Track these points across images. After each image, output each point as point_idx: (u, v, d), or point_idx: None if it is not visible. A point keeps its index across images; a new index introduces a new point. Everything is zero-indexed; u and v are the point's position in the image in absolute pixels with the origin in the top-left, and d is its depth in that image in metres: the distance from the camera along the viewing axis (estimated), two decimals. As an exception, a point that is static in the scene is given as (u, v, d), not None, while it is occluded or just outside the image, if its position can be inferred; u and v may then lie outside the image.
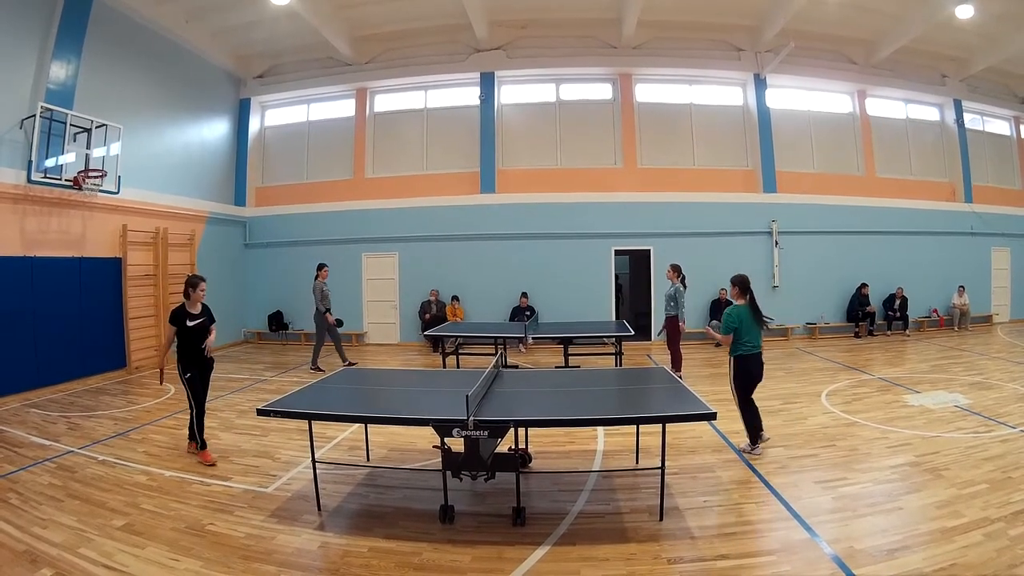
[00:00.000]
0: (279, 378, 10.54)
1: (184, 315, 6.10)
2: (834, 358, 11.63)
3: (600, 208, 14.41)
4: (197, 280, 6.27)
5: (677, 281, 9.85)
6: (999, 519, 4.20)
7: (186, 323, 6.08)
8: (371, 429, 6.17)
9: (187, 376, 6.07)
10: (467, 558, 3.96)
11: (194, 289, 6.19)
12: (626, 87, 14.89)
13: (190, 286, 6.20)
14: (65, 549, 4.04)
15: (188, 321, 6.10)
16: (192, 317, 6.14)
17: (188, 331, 6.08)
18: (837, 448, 6.05)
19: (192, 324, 6.11)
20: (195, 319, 6.16)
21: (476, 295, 14.46)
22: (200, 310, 6.24)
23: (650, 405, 5.20)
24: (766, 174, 14.76)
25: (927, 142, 16.30)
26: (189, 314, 6.13)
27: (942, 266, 15.46)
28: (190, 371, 6.08)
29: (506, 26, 14.44)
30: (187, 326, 6.08)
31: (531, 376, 7.16)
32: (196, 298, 6.19)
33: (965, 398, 7.91)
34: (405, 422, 5.25)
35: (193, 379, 6.09)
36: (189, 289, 6.19)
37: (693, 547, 4.05)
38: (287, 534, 4.36)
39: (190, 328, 6.08)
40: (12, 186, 9.13)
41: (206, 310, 6.31)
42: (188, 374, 6.07)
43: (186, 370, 6.08)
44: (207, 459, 5.97)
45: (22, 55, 9.43)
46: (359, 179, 15.30)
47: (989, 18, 13.12)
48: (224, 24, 13.50)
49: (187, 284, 6.22)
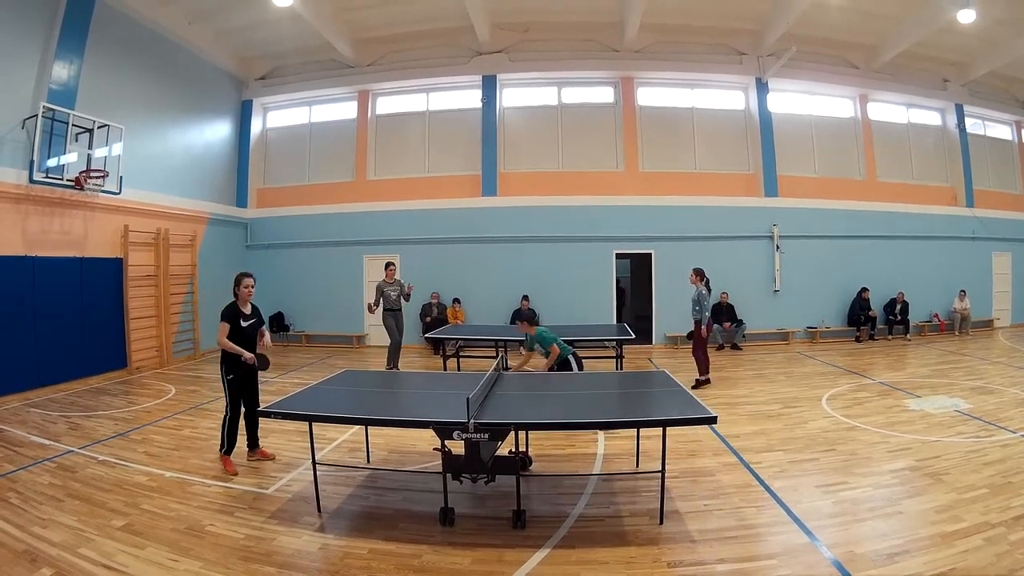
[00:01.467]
0: (280, 379, 10.54)
1: (239, 314, 5.81)
2: (835, 362, 11.62)
3: (601, 211, 14.42)
4: (241, 276, 5.91)
5: (701, 285, 9.43)
6: (999, 524, 4.20)
7: (240, 323, 5.81)
8: (371, 431, 6.16)
9: (229, 377, 5.78)
10: (467, 560, 3.96)
11: (238, 286, 5.85)
12: (628, 90, 14.91)
13: (235, 284, 5.87)
14: (65, 549, 4.04)
15: (242, 321, 5.83)
16: (245, 317, 5.88)
17: (241, 331, 5.81)
18: (837, 452, 6.05)
19: (245, 325, 5.86)
20: (248, 319, 5.92)
21: (477, 298, 14.46)
22: (251, 310, 5.99)
23: (650, 409, 5.20)
24: (767, 178, 14.77)
25: (928, 146, 16.31)
26: (242, 313, 5.86)
27: (943, 270, 15.46)
28: (234, 373, 5.78)
29: (508, 29, 14.47)
30: (241, 326, 5.81)
31: (532, 379, 7.13)
32: (243, 296, 5.87)
33: (966, 403, 7.90)
34: (406, 424, 5.27)
35: (235, 382, 5.80)
36: (235, 287, 5.86)
37: (693, 551, 4.05)
38: (287, 535, 4.36)
39: (243, 328, 5.83)
40: (14, 186, 9.15)
41: (256, 311, 6.07)
42: (231, 375, 5.77)
43: (230, 371, 5.77)
44: (228, 467, 5.72)
45: (24, 55, 9.45)
46: (361, 181, 15.31)
47: (991, 23, 13.12)
48: (226, 26, 13.54)
49: (234, 282, 5.88)
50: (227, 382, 5.80)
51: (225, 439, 5.82)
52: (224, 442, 5.82)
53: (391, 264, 11.05)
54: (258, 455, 6.06)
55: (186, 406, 8.51)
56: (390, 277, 10.75)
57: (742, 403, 8.35)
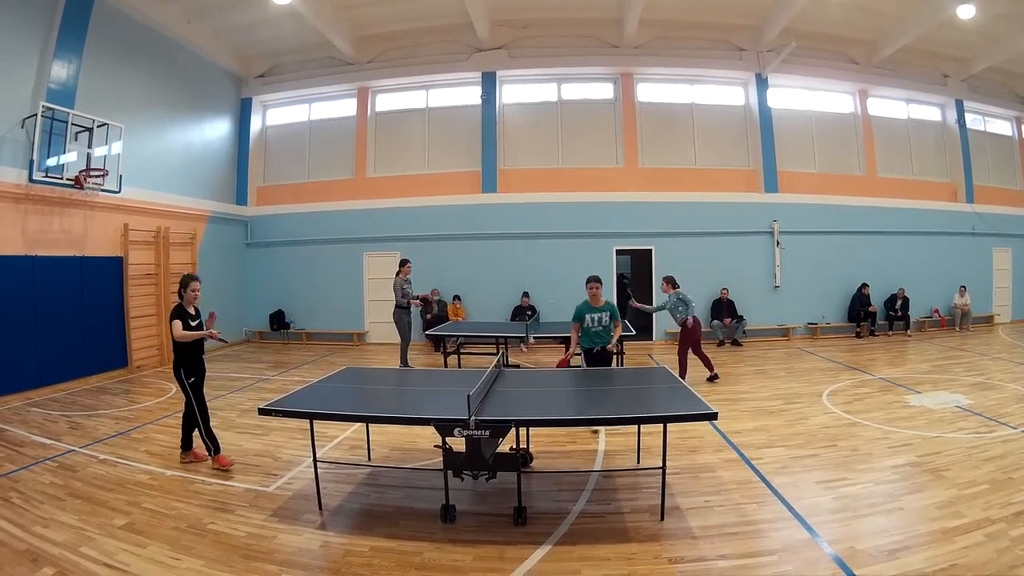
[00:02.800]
0: (280, 377, 10.55)
1: (184, 314, 5.83)
2: (835, 358, 11.62)
3: (601, 208, 14.41)
4: (188, 279, 5.95)
5: (673, 292, 9.43)
6: (1000, 520, 4.20)
7: (188, 321, 5.83)
8: (372, 428, 6.17)
9: (191, 380, 5.78)
10: (468, 557, 3.96)
11: (185, 289, 5.89)
12: (627, 87, 14.88)
13: (182, 286, 5.91)
14: (66, 548, 4.05)
15: (190, 321, 5.87)
16: (192, 317, 5.91)
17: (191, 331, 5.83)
18: (838, 448, 6.05)
19: (194, 324, 5.90)
20: (195, 319, 5.94)
21: (478, 295, 14.46)
22: (195, 312, 6.00)
23: (651, 405, 5.19)
24: (767, 174, 14.75)
25: (928, 142, 16.28)
26: (189, 314, 5.88)
27: (943, 266, 15.45)
28: (193, 375, 5.81)
29: (507, 26, 14.44)
30: (189, 325, 5.83)
31: (532, 376, 7.16)
32: (189, 299, 5.90)
33: (966, 399, 7.90)
34: (407, 421, 5.26)
35: (197, 384, 5.83)
36: (181, 290, 5.92)
37: (694, 547, 4.05)
38: (288, 533, 4.36)
39: (191, 328, 5.85)
40: (14, 185, 9.14)
41: (199, 314, 6.08)
42: (192, 378, 5.79)
43: (189, 374, 5.79)
44: (224, 463, 5.70)
45: (23, 54, 9.43)
46: (360, 178, 15.30)
47: (991, 18, 13.09)
48: (226, 24, 13.51)
49: (180, 284, 5.94)
50: (189, 385, 5.78)
51: (208, 442, 5.80)
52: (209, 445, 5.79)
53: (408, 261, 11.16)
54: (191, 456, 5.98)
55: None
56: (407, 274, 10.87)
57: (743, 399, 8.35)
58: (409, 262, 11.25)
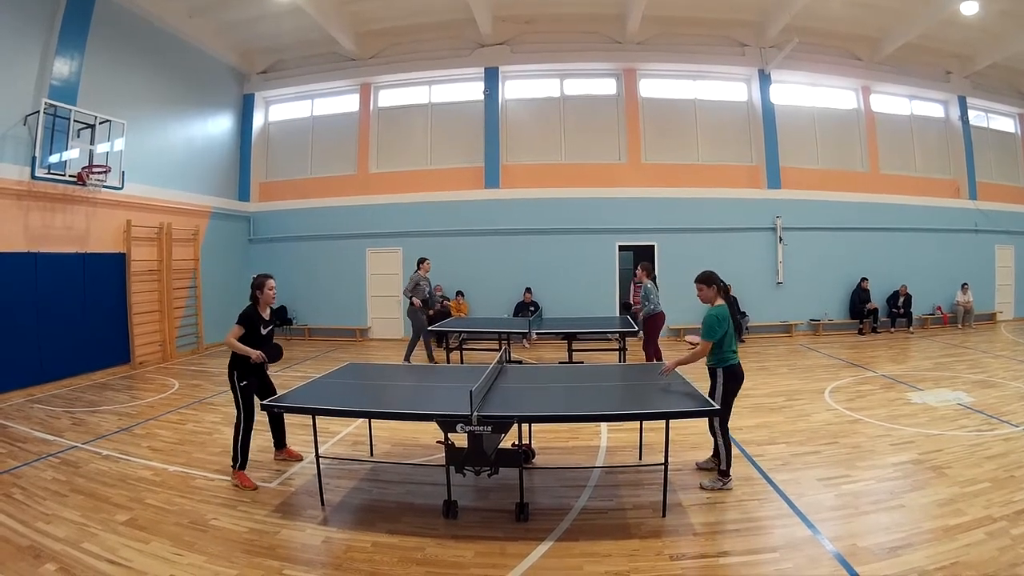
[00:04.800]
0: (283, 373, 10.54)
1: (258, 319, 5.36)
2: (837, 355, 11.61)
3: (604, 203, 14.39)
4: (263, 278, 5.40)
5: (647, 280, 9.29)
6: (1001, 518, 4.20)
7: (260, 329, 5.37)
8: (374, 424, 6.18)
9: (243, 384, 5.31)
10: (470, 553, 3.97)
11: (260, 289, 5.38)
12: (630, 82, 14.84)
13: (256, 287, 5.39)
14: (69, 544, 4.06)
15: (262, 327, 5.40)
16: (264, 323, 5.45)
17: (260, 339, 5.38)
18: (840, 445, 6.05)
19: (265, 332, 5.44)
20: (267, 325, 5.49)
21: (480, 290, 14.45)
22: (269, 314, 5.55)
23: (654, 401, 5.19)
24: (770, 170, 14.72)
25: (931, 139, 16.22)
26: (262, 318, 5.41)
27: (946, 263, 15.42)
28: (247, 379, 5.33)
29: (510, 21, 14.41)
30: (260, 333, 5.38)
31: (535, 372, 7.15)
32: (266, 300, 5.43)
33: (968, 396, 7.89)
34: (409, 417, 5.27)
35: (248, 388, 5.33)
36: (256, 291, 5.39)
37: (696, 543, 4.06)
38: (290, 529, 4.38)
39: (262, 336, 5.40)
40: (16, 182, 9.15)
41: (274, 315, 5.66)
42: (244, 382, 5.31)
43: (243, 377, 5.31)
44: (246, 482, 5.16)
45: (25, 51, 9.42)
46: (363, 174, 15.29)
47: (994, 15, 13.04)
48: (228, 19, 13.49)
49: (253, 286, 5.40)
50: (240, 389, 5.30)
51: (239, 453, 5.25)
52: (238, 456, 5.25)
53: (426, 259, 11.20)
54: (285, 454, 5.84)
55: (189, 400, 8.53)
56: (426, 271, 10.95)
57: (744, 395, 8.23)
58: (427, 260, 11.24)
